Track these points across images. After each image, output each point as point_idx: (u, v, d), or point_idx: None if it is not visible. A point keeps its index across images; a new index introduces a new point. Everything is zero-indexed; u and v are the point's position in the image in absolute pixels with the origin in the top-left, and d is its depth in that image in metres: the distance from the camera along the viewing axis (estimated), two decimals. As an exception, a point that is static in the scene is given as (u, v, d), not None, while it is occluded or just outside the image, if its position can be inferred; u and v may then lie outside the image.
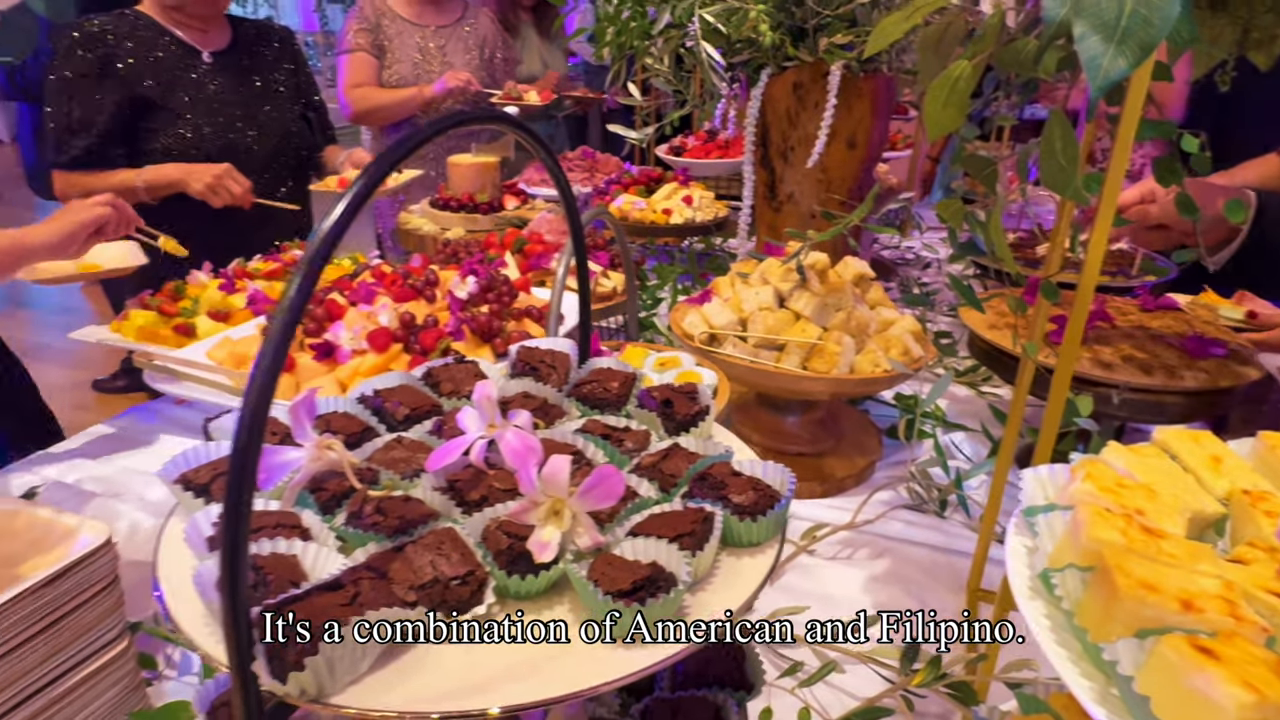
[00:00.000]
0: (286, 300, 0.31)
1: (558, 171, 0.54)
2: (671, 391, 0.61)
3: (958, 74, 0.67)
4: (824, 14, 1.51)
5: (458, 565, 0.44)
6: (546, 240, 1.68)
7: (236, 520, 0.32)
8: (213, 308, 1.37)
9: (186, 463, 0.52)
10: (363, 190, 0.34)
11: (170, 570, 0.46)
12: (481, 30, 2.87)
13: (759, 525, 0.50)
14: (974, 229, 0.79)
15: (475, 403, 0.50)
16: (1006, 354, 1.23)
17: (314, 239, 0.33)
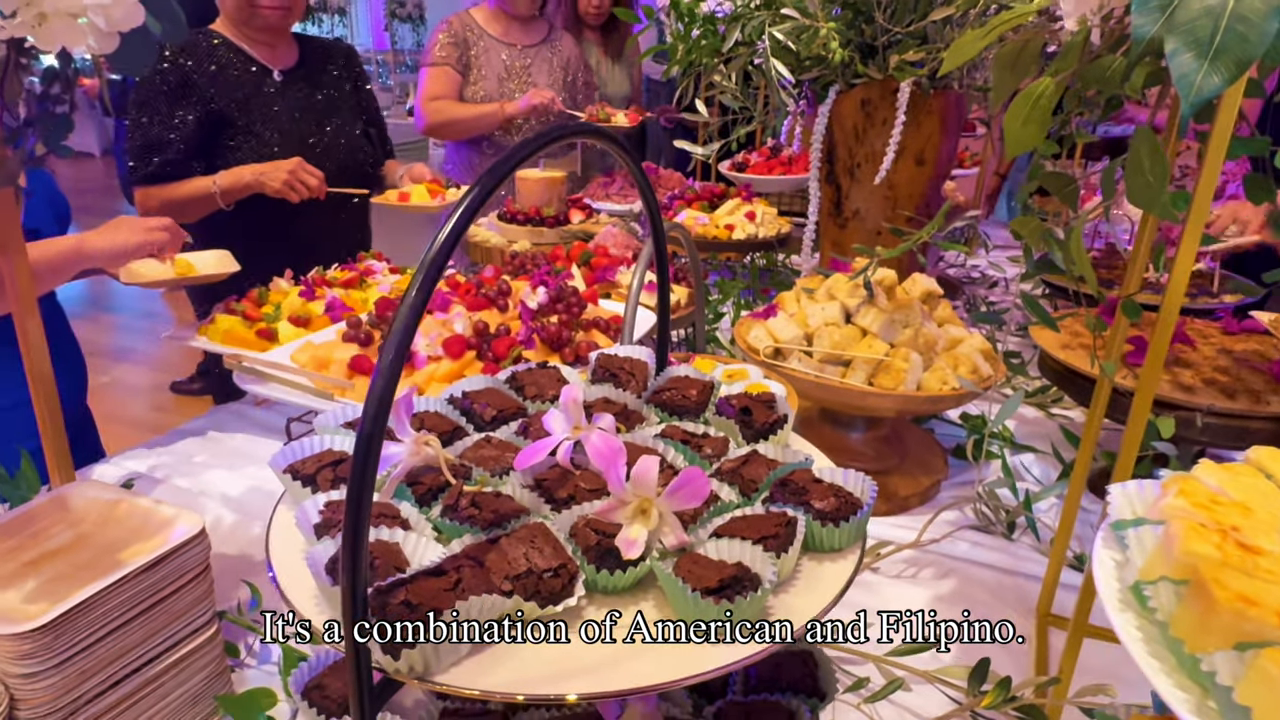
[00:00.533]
0: (405, 306, 0.33)
1: (646, 188, 0.56)
2: (750, 400, 0.62)
3: (1040, 91, 0.67)
4: (895, 31, 1.51)
5: (550, 558, 0.45)
6: (611, 254, 1.70)
7: (358, 508, 0.34)
8: (293, 313, 1.43)
9: (294, 454, 0.55)
10: (475, 200, 0.36)
11: (281, 552, 0.49)
12: (565, 52, 2.89)
13: (841, 531, 0.51)
14: (1051, 248, 0.78)
15: (561, 406, 0.52)
16: (1080, 375, 1.21)
17: (430, 247, 0.35)
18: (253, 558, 1.11)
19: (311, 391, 1.02)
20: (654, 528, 0.47)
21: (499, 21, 2.78)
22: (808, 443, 0.66)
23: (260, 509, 1.23)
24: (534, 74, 2.79)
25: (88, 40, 0.71)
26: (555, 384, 0.65)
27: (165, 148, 1.85)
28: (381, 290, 1.55)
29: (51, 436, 0.89)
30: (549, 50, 2.85)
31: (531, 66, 2.80)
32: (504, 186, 2.37)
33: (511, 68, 2.77)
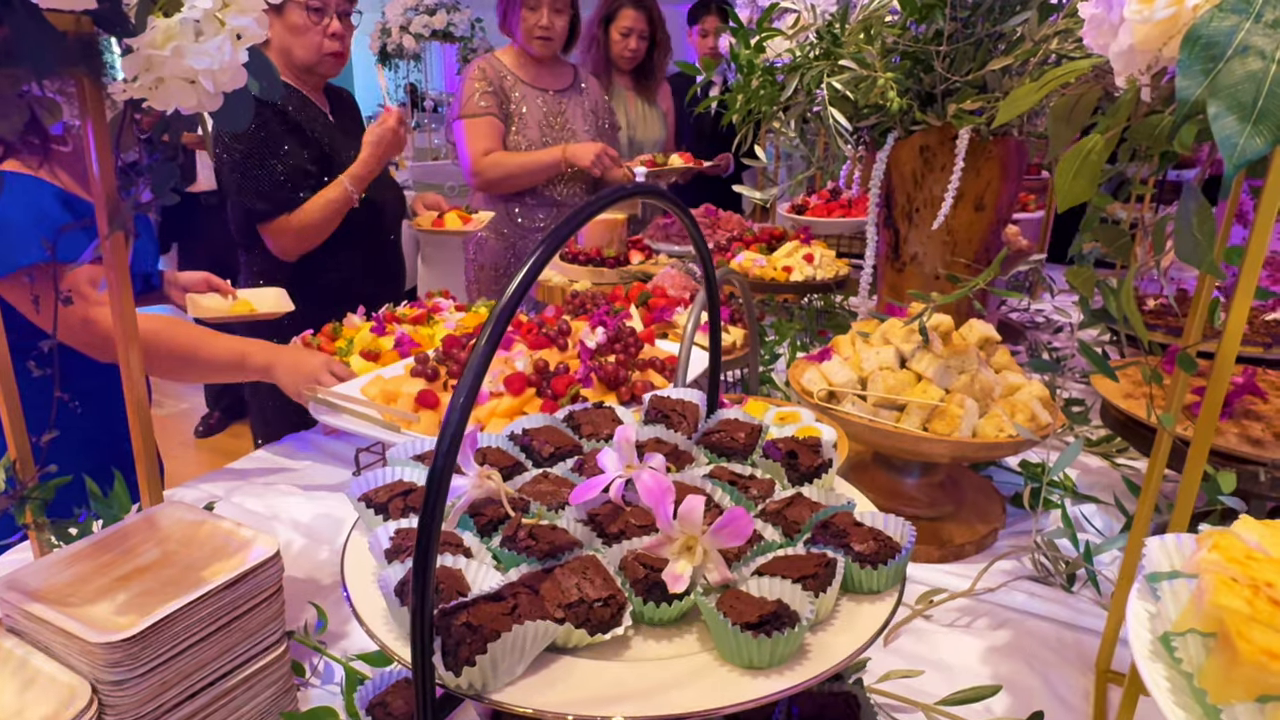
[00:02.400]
0: (477, 353, 0.37)
1: (698, 237, 0.59)
2: (796, 444, 0.64)
3: (1090, 147, 0.68)
4: (953, 79, 1.53)
5: (600, 589, 0.48)
6: (670, 294, 1.74)
7: (429, 537, 0.37)
8: (364, 348, 1.50)
9: (367, 484, 0.60)
10: (546, 253, 0.40)
11: (355, 574, 0.53)
12: (594, 96, 2.86)
13: (879, 574, 0.52)
14: (1106, 298, 0.79)
15: (615, 445, 0.55)
16: (1143, 425, 1.19)
17: (502, 298, 0.38)
18: (319, 581, 1.16)
19: (380, 424, 1.07)
20: (699, 564, 0.49)
21: (528, 67, 2.70)
22: (852, 487, 0.67)
23: (327, 534, 1.29)
24: (570, 119, 2.74)
25: (196, 99, 0.78)
26: (610, 423, 0.68)
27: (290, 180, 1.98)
28: (448, 327, 1.62)
29: (144, 461, 0.95)
30: (579, 95, 2.81)
31: (567, 112, 2.75)
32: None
33: (549, 114, 2.71)
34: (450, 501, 0.53)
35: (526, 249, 2.75)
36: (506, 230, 2.79)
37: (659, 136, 3.31)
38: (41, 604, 0.73)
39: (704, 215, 2.76)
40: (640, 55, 3.12)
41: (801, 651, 0.47)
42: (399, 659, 0.44)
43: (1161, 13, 0.56)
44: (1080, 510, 1.34)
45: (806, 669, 0.45)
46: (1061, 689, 0.99)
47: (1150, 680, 0.40)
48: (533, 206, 2.75)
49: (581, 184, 2.78)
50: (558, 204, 2.75)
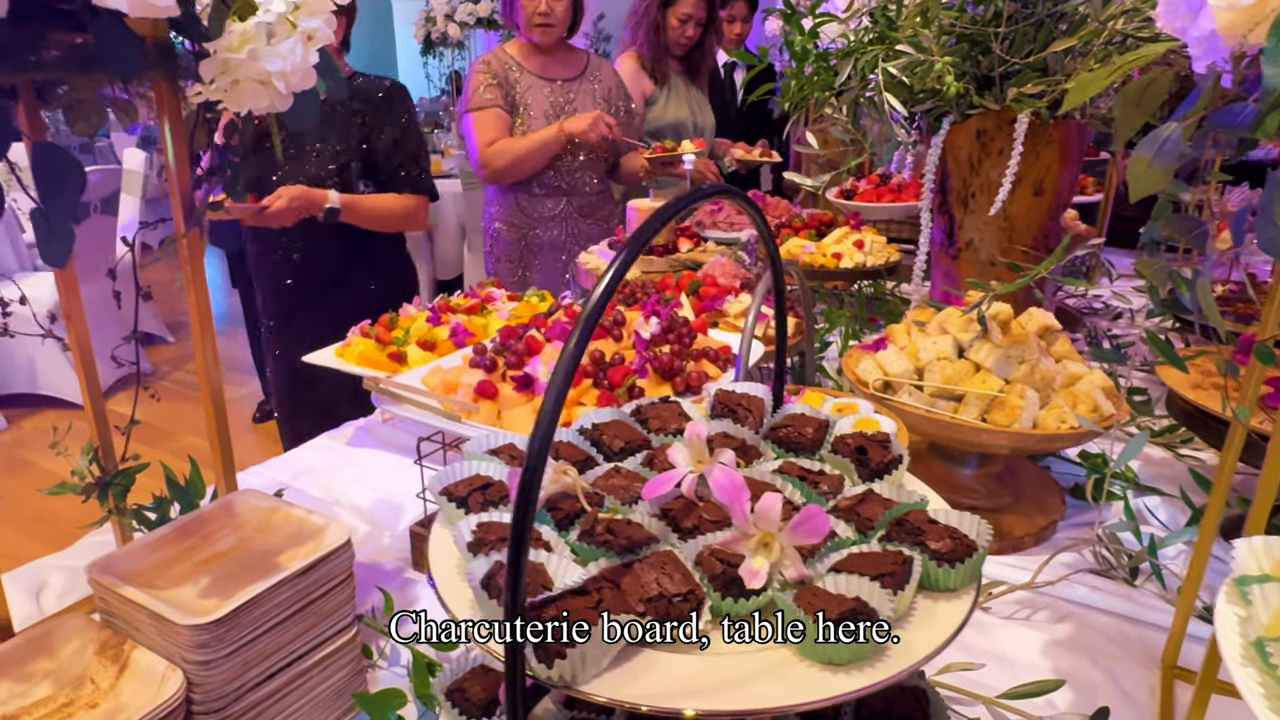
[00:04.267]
0: (565, 357, 0.37)
1: (764, 227, 0.59)
2: (865, 439, 0.64)
3: (1166, 136, 0.67)
4: (1012, 62, 1.49)
5: (679, 584, 0.49)
6: (720, 283, 1.74)
7: (522, 533, 0.39)
8: (421, 338, 1.53)
9: (448, 478, 0.61)
10: (629, 257, 0.40)
11: (440, 566, 0.55)
12: (606, 82, 2.80)
13: (957, 572, 0.52)
14: (1179, 287, 0.77)
15: (686, 440, 0.55)
16: (1212, 417, 1.16)
17: (588, 303, 0.39)
18: (382, 566, 1.20)
19: (441, 413, 1.09)
20: (775, 560, 0.50)
21: (536, 56, 2.68)
22: (921, 483, 0.67)
23: (388, 520, 1.32)
24: (579, 109, 2.70)
25: (269, 100, 0.80)
26: (677, 418, 0.68)
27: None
28: (501, 316, 1.64)
29: (219, 449, 0.99)
30: (590, 83, 2.76)
31: (575, 101, 2.71)
32: (617, 216, 2.47)
33: (556, 104, 2.69)
34: (528, 496, 0.55)
35: (539, 240, 2.77)
36: (517, 221, 2.78)
37: (713, 122, 3.29)
38: (132, 587, 0.77)
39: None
40: (694, 41, 3.10)
41: (880, 649, 0.47)
42: (491, 651, 0.45)
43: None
44: (1143, 502, 1.31)
45: (886, 666, 0.46)
46: (1126, 684, 0.98)
47: (1244, 686, 0.40)
48: (540, 196, 2.73)
49: (592, 171, 2.76)
50: (567, 192, 2.74)
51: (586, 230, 2.81)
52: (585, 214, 2.81)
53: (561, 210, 2.77)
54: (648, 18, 3.02)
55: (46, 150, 0.69)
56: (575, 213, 2.79)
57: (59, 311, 1.02)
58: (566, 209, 2.77)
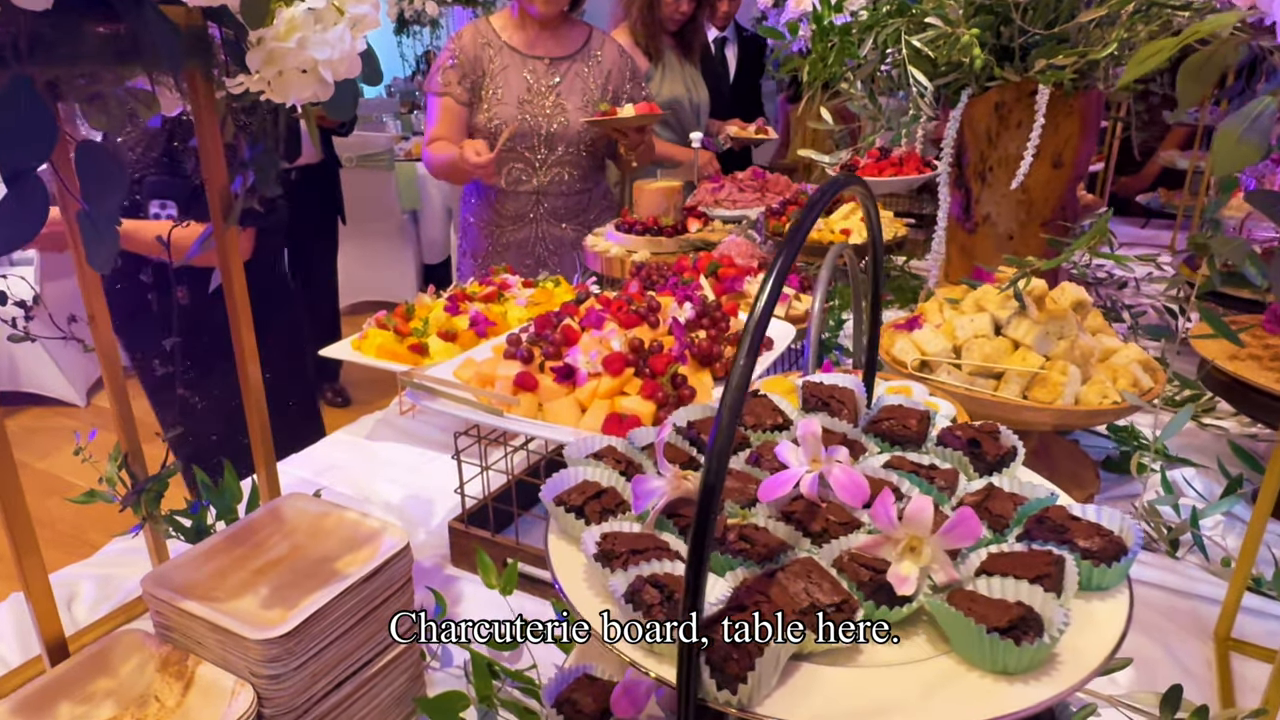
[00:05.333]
0: (733, 386, 0.35)
1: (877, 230, 0.57)
2: (976, 431, 0.63)
3: (1260, 110, 0.65)
4: (1033, 32, 1.47)
5: (830, 594, 0.47)
6: (738, 264, 1.72)
7: (700, 558, 0.36)
8: (440, 328, 1.50)
9: (556, 486, 0.59)
10: (784, 267, 0.38)
11: (565, 575, 0.53)
12: (608, 63, 2.44)
13: (1113, 571, 0.51)
14: (1254, 267, 0.76)
15: (800, 438, 0.54)
16: (1254, 389, 1.16)
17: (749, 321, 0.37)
18: (421, 564, 1.17)
19: (480, 407, 1.07)
20: (925, 564, 0.49)
21: (525, 30, 2.34)
22: (1036, 475, 0.66)
23: (420, 516, 1.30)
24: (564, 93, 2.34)
25: (312, 91, 0.77)
26: (770, 413, 0.67)
27: None
28: (519, 304, 1.61)
29: (262, 451, 0.96)
30: (586, 63, 2.40)
31: (562, 84, 2.35)
32: (623, 197, 2.41)
33: (536, 87, 2.32)
34: (649, 503, 0.53)
35: (505, 241, 2.45)
36: (487, 217, 2.51)
37: (707, 98, 3.24)
38: (194, 601, 0.74)
39: (751, 178, 2.72)
40: (688, 15, 3.03)
41: (1054, 655, 0.46)
42: (660, 677, 0.43)
43: (1369, -33, 0.53)
44: (1180, 474, 1.32)
45: (1063, 674, 0.44)
46: (1183, 657, 0.99)
47: None
48: (510, 193, 2.44)
49: (573, 168, 2.42)
50: (538, 192, 2.43)
51: (559, 235, 2.49)
52: (559, 217, 2.48)
53: (531, 211, 2.46)
54: None
55: (90, 151, 0.66)
56: (546, 215, 2.47)
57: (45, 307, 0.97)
58: (536, 210, 2.46)
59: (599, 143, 2.42)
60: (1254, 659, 0.97)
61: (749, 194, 2.62)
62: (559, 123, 2.36)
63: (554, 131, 2.35)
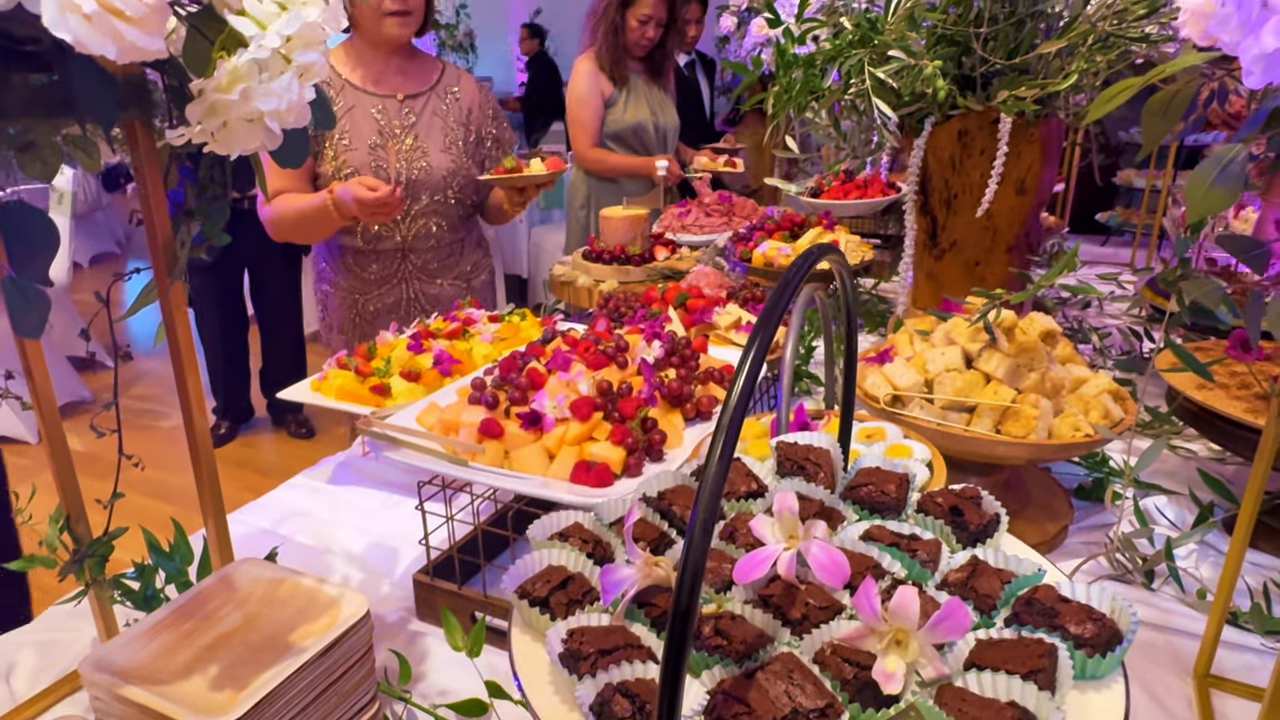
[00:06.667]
0: (709, 479, 0.33)
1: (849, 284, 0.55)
2: (957, 498, 0.61)
3: (1230, 156, 0.65)
4: (995, 62, 1.48)
5: (814, 697, 0.44)
6: (707, 294, 1.70)
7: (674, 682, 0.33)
8: (404, 368, 1.45)
9: (520, 574, 0.56)
10: (763, 345, 0.36)
11: (529, 678, 0.49)
12: (467, 100, 2.13)
13: (1108, 661, 0.49)
14: (1226, 308, 0.75)
15: (777, 514, 0.51)
16: (1222, 418, 1.16)
17: (726, 406, 0.34)
18: (385, 619, 1.13)
19: (445, 457, 1.03)
20: (911, 660, 0.46)
21: (367, 64, 2.01)
22: (1021, 544, 0.64)
23: (384, 566, 1.25)
24: (421, 134, 2.03)
25: (259, 141, 0.73)
26: (744, 478, 0.64)
27: None
28: (484, 340, 1.57)
29: (213, 515, 0.91)
30: (443, 100, 2.09)
31: (419, 125, 2.04)
32: (592, 226, 2.38)
33: (389, 128, 2.01)
34: (618, 593, 0.50)
35: (371, 309, 2.13)
36: (345, 283, 2.14)
37: (676, 122, 3.24)
38: (135, 685, 0.70)
39: (719, 202, 2.71)
40: (655, 43, 3.03)
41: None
42: None
43: (1339, 21, 0.52)
44: (1153, 503, 1.31)
45: None
46: (1161, 694, 0.97)
47: None
48: (366, 253, 2.09)
49: (440, 218, 2.10)
50: (402, 248, 2.10)
51: (435, 293, 2.17)
52: (431, 274, 2.15)
53: (398, 270, 2.12)
54: (606, 18, 2.95)
55: (19, 211, 0.62)
56: (417, 273, 2.14)
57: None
58: (404, 269, 2.12)
59: (468, 189, 2.13)
60: (1235, 696, 0.97)
61: (716, 218, 2.62)
62: (420, 168, 2.03)
63: (416, 178, 2.03)
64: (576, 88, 3.13)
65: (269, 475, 3.99)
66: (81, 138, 0.80)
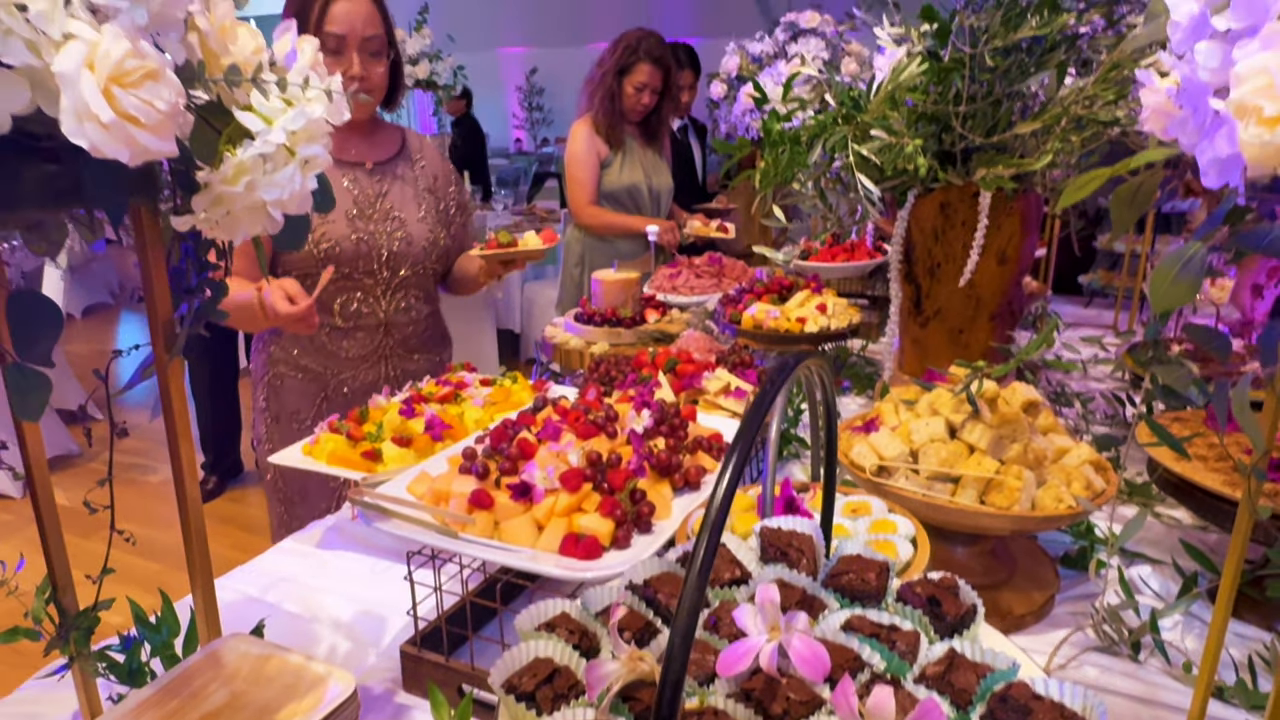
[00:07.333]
0: (690, 587, 0.34)
1: (832, 428, 0.57)
2: (935, 588, 0.62)
3: (1189, 254, 0.68)
4: (972, 139, 1.54)
5: None
6: (696, 359, 1.73)
7: None
8: (395, 433, 1.46)
9: (508, 666, 0.57)
10: (740, 459, 0.38)
11: None
12: (432, 166, 2.09)
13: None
14: (1197, 389, 0.78)
15: (758, 605, 0.52)
16: (1200, 489, 1.18)
17: (708, 517, 0.36)
18: (371, 690, 1.12)
19: (435, 528, 1.04)
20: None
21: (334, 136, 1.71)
22: (998, 634, 0.65)
23: (372, 635, 1.25)
24: (396, 202, 1.98)
25: (261, 227, 0.76)
26: (729, 565, 0.65)
27: None
28: (475, 404, 1.59)
29: (201, 587, 0.91)
30: (411, 168, 2.04)
31: (392, 193, 1.98)
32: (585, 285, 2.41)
33: (363, 198, 1.94)
34: (602, 688, 0.51)
35: (352, 388, 2.01)
36: (311, 365, 2.00)
37: (670, 184, 3.32)
38: (118, 771, 0.69)
39: (708, 263, 2.76)
40: (650, 109, 3.13)
41: None
42: None
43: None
44: (1137, 572, 1.32)
45: None
46: (1152, 774, 0.97)
47: None
48: (346, 330, 1.99)
49: (419, 290, 2.05)
50: (385, 325, 2.01)
51: (412, 369, 2.10)
52: (410, 349, 2.09)
53: (379, 348, 2.03)
54: (603, 85, 3.05)
55: (26, 300, 0.64)
56: (397, 349, 2.06)
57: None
58: (385, 346, 2.04)
59: (444, 259, 2.09)
60: (1223, 774, 0.96)
61: (706, 280, 2.66)
62: (400, 238, 1.97)
63: (396, 251, 1.96)
64: (574, 149, 3.22)
65: (256, 533, 3.95)
66: (87, 217, 0.83)
